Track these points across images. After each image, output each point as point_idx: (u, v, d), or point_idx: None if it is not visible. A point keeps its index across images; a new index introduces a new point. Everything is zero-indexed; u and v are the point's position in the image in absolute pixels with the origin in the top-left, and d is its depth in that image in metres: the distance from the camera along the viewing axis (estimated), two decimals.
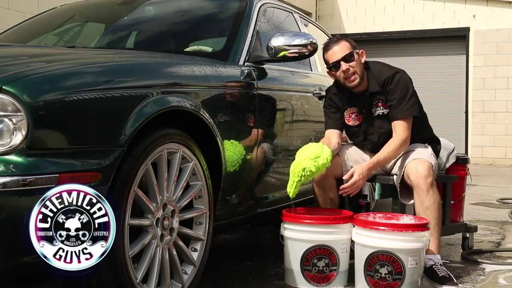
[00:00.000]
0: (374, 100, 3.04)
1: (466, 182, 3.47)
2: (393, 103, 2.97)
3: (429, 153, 2.98)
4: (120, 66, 2.18)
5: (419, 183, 2.78)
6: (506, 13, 10.45)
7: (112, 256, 1.82)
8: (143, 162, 2.02)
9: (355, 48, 3.03)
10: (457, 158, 3.39)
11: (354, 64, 2.98)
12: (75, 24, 3.61)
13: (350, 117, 3.11)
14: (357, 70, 2.98)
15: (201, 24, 3.25)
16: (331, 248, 2.67)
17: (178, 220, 2.24)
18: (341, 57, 2.97)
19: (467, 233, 3.43)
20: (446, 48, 11.02)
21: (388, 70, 3.04)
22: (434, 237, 2.77)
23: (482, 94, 10.56)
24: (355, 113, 3.10)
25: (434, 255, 2.76)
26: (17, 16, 5.31)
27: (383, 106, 3.03)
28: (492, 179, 7.61)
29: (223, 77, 2.65)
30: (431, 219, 2.74)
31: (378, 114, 3.05)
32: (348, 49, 2.99)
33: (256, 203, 2.93)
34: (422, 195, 2.77)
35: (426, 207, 2.77)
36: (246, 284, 2.74)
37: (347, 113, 3.11)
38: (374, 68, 3.06)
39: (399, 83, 2.98)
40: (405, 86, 2.98)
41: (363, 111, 3.08)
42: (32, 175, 1.68)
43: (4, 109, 1.70)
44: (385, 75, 3.01)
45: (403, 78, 3.00)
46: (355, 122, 3.10)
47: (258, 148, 2.80)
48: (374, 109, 3.05)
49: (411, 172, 2.83)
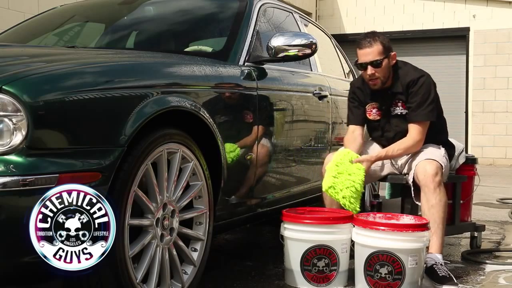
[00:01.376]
0: (394, 99, 3.10)
1: (474, 182, 3.52)
2: (413, 106, 3.03)
3: (441, 154, 3.03)
4: (120, 66, 2.17)
5: (426, 182, 2.82)
6: (506, 13, 10.45)
7: (112, 256, 1.82)
8: (143, 162, 2.02)
9: (388, 51, 3.05)
10: (466, 159, 3.44)
11: (380, 70, 3.03)
12: (75, 24, 3.61)
13: (372, 111, 3.18)
14: (381, 76, 3.04)
15: (201, 24, 3.25)
16: (331, 248, 2.67)
17: (178, 220, 2.24)
18: (370, 61, 3.02)
19: (475, 232, 3.48)
20: (446, 48, 11.02)
21: (413, 73, 3.09)
22: (438, 236, 2.78)
23: (482, 94, 10.56)
24: (376, 108, 3.17)
25: (435, 254, 2.77)
26: (17, 16, 5.31)
27: (402, 107, 3.09)
28: (492, 179, 7.60)
29: (223, 77, 2.65)
30: (436, 218, 2.77)
31: (396, 114, 3.11)
32: (379, 54, 3.02)
33: (256, 203, 2.93)
34: (428, 193, 2.81)
35: (432, 205, 2.80)
36: (246, 284, 2.74)
37: (369, 107, 3.18)
38: (402, 69, 3.11)
39: (422, 87, 3.03)
40: (427, 90, 3.03)
41: (383, 108, 3.14)
42: (32, 175, 1.68)
43: (4, 109, 1.70)
44: (410, 77, 3.06)
45: (426, 82, 3.05)
46: (376, 117, 3.18)
47: (258, 148, 2.80)
48: (393, 108, 3.12)
49: (420, 171, 2.88)
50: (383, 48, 3.03)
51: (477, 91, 10.59)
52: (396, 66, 3.11)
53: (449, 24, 10.89)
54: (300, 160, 3.37)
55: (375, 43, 3.03)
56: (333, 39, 4.76)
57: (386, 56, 3.03)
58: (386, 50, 3.04)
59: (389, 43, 3.09)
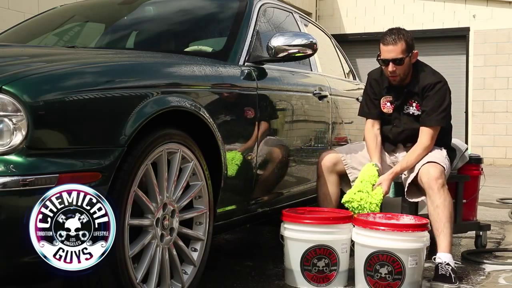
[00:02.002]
0: (410, 99, 3.14)
1: (480, 182, 3.54)
2: (427, 110, 3.07)
3: (443, 156, 3.07)
4: (120, 66, 2.17)
5: (430, 184, 2.86)
6: (506, 13, 10.45)
7: (112, 256, 1.81)
8: (143, 162, 2.02)
9: (411, 49, 3.07)
10: (470, 158, 3.47)
11: (401, 67, 3.05)
12: (75, 24, 3.61)
13: (386, 104, 3.21)
14: (402, 73, 3.08)
15: (201, 24, 3.25)
16: (331, 248, 2.67)
17: (178, 220, 2.24)
18: (392, 58, 3.03)
19: (480, 231, 3.50)
20: (446, 48, 11.02)
21: (432, 77, 3.12)
22: (445, 236, 2.80)
23: (482, 94, 10.56)
24: (389, 101, 3.20)
25: (442, 253, 2.77)
26: (17, 16, 5.31)
27: (416, 108, 3.13)
28: (492, 179, 7.58)
29: (223, 77, 2.65)
30: (441, 217, 2.80)
31: (408, 113, 3.15)
32: (402, 53, 3.03)
33: (256, 203, 2.93)
34: (432, 194, 2.85)
35: (437, 205, 2.83)
36: (246, 284, 2.74)
37: (383, 100, 3.22)
38: (421, 71, 3.14)
39: (438, 92, 3.07)
40: (442, 96, 3.07)
41: (396, 103, 3.17)
42: (32, 175, 1.68)
43: (4, 109, 1.70)
44: (428, 81, 3.09)
45: (443, 89, 3.09)
46: (389, 111, 3.21)
47: (258, 148, 2.80)
48: (407, 107, 3.15)
49: (424, 174, 2.91)
50: (407, 46, 3.05)
51: (477, 91, 10.59)
52: (416, 65, 3.14)
53: (449, 24, 10.89)
54: (300, 160, 3.37)
55: (399, 41, 3.04)
56: (333, 39, 4.76)
57: (408, 54, 3.05)
58: (409, 48, 3.06)
59: (413, 41, 3.11)
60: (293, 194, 3.35)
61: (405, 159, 3.07)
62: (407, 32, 3.11)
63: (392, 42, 3.04)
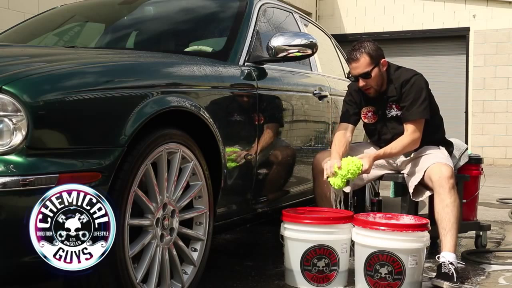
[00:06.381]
0: (388, 102, 3.15)
1: (480, 182, 3.55)
2: (406, 105, 3.08)
3: (446, 155, 3.10)
4: (120, 66, 2.17)
5: (442, 183, 2.86)
6: (506, 13, 10.45)
7: (112, 256, 1.82)
8: (143, 162, 2.02)
9: (377, 60, 3.07)
10: (470, 158, 3.47)
11: (372, 79, 3.08)
12: (75, 24, 3.61)
13: (367, 115, 3.24)
14: (374, 84, 3.10)
15: (201, 24, 3.25)
16: (331, 248, 2.67)
17: (178, 220, 2.24)
18: (359, 74, 3.08)
19: (480, 231, 3.51)
20: (446, 48, 11.02)
21: (406, 73, 3.14)
22: (451, 235, 2.80)
23: (482, 94, 10.56)
24: (372, 112, 3.22)
25: (447, 252, 2.77)
26: (17, 16, 5.31)
27: (396, 108, 3.14)
28: (492, 179, 7.59)
29: (223, 77, 2.65)
30: (450, 217, 2.81)
31: (391, 116, 3.17)
32: (367, 66, 3.06)
33: (256, 203, 2.93)
34: (443, 193, 2.85)
35: (446, 204, 2.83)
36: (246, 284, 2.73)
37: (364, 111, 3.24)
38: (395, 73, 3.16)
39: (413, 85, 3.08)
40: (419, 89, 3.08)
41: (379, 112, 3.20)
42: (32, 175, 1.68)
43: (4, 109, 1.70)
44: (403, 78, 3.11)
45: (418, 81, 3.10)
46: (371, 120, 3.24)
47: (258, 148, 2.80)
48: (388, 111, 3.17)
49: (435, 173, 2.90)
50: (370, 59, 3.07)
51: (477, 91, 10.59)
52: (389, 71, 3.15)
53: (449, 24, 10.89)
54: (300, 160, 3.37)
55: (361, 56, 3.07)
56: (333, 39, 4.76)
57: (375, 65, 3.07)
58: (374, 59, 3.08)
59: (378, 51, 3.11)
60: (293, 194, 3.35)
61: (390, 146, 3.08)
62: (370, 44, 3.11)
63: (355, 58, 3.08)
